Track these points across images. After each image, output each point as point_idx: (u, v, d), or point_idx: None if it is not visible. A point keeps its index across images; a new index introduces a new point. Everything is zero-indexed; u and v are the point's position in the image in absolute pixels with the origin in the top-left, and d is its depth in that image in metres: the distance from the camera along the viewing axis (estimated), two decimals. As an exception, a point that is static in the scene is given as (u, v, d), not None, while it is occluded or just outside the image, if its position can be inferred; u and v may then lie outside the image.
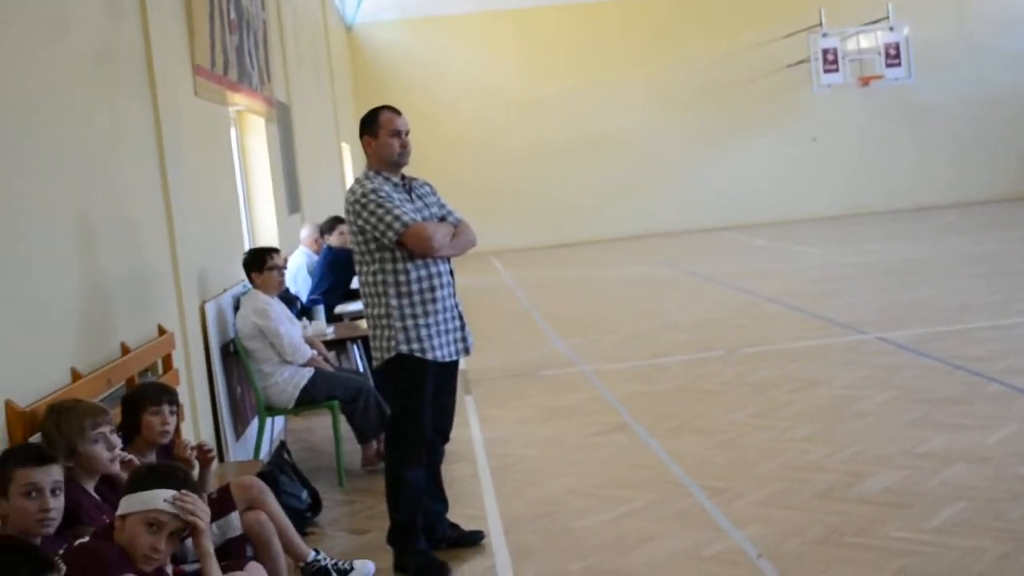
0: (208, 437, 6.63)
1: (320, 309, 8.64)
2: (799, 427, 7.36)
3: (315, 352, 7.49)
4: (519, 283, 18.45)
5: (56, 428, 3.85)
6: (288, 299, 8.35)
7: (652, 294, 15.77)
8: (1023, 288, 12.59)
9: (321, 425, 8.62)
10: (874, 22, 25.29)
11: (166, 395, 4.63)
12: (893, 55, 25.06)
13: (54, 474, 3.36)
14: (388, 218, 5.18)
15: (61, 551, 3.25)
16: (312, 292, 9.88)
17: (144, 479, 3.39)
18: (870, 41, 25.48)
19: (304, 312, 8.83)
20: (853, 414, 7.60)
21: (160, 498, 3.32)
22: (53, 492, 3.34)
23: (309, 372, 7.23)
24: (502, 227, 24.26)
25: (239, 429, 7.44)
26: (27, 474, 3.31)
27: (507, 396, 9.35)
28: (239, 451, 7.28)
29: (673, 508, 5.96)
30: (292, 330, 7.27)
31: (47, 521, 3.33)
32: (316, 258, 10.38)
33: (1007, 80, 26.55)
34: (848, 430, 7.19)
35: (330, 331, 8.46)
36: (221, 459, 6.91)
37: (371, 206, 5.21)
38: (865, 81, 25.34)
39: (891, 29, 25.01)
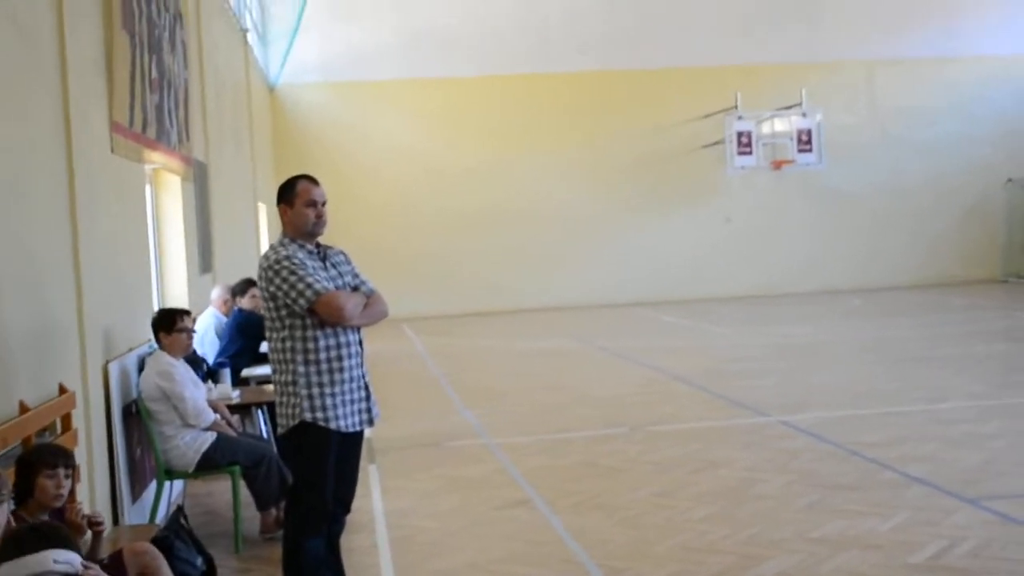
0: (104, 499, 6.54)
1: (226, 372, 8.56)
2: (699, 508, 7.45)
3: (218, 416, 7.42)
4: (430, 351, 18.44)
5: None
6: (194, 361, 8.27)
7: (561, 368, 15.86)
8: (921, 376, 12.91)
9: (221, 490, 8.51)
10: (788, 107, 25.93)
11: (62, 458, 4.57)
12: (805, 140, 25.64)
13: None
14: (300, 285, 5.20)
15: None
16: (219, 355, 9.80)
17: (29, 541, 3.33)
18: (784, 126, 26.09)
19: (210, 375, 8.75)
20: (752, 497, 7.71)
21: (50, 559, 3.27)
22: None
23: (212, 436, 7.16)
24: (416, 294, 24.25)
25: (136, 491, 7.33)
26: None
27: (411, 466, 9.32)
28: (135, 514, 7.16)
29: (571, 586, 5.99)
30: (196, 393, 7.20)
31: None
32: (225, 320, 10.30)
33: (915, 170, 27.32)
34: (747, 512, 7.29)
35: (236, 395, 8.38)
36: (116, 522, 6.80)
37: (284, 272, 5.23)
38: (777, 165, 25.91)
39: (804, 115, 25.64)
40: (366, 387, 5.48)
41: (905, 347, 15.91)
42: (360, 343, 5.48)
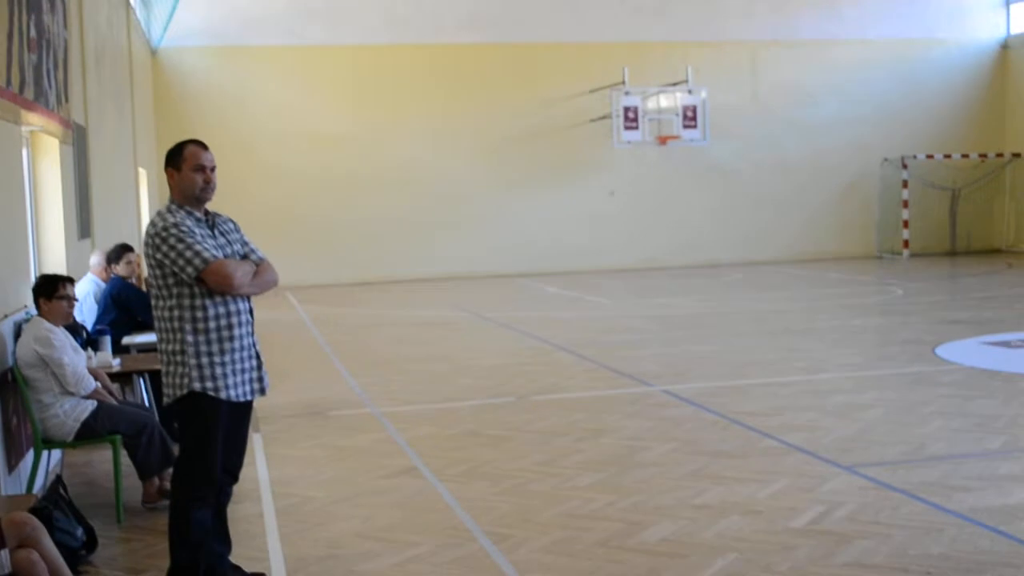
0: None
1: (106, 340, 8.38)
2: (584, 475, 7.54)
3: (99, 384, 7.27)
4: (313, 320, 18.29)
5: None
6: (74, 328, 8.09)
7: (446, 337, 15.89)
8: (801, 348, 13.22)
9: (101, 459, 8.36)
10: (674, 84, 26.24)
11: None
12: (690, 117, 25.99)
13: None
14: (188, 253, 5.10)
15: None
16: (97, 322, 9.60)
17: None
18: (669, 102, 26.39)
19: (89, 342, 8.56)
20: (636, 464, 7.83)
21: None
22: None
23: (91, 405, 7.02)
24: (299, 262, 23.94)
25: (12, 462, 7.14)
26: None
27: (297, 435, 9.25)
28: (11, 485, 6.98)
29: (457, 554, 6.01)
30: (76, 360, 7.05)
31: None
32: (104, 286, 10.08)
33: (796, 148, 27.88)
34: (631, 480, 7.41)
35: (116, 363, 8.21)
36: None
37: (171, 240, 5.13)
38: (663, 140, 26.21)
39: (689, 92, 25.97)
40: (257, 356, 5.42)
41: (785, 319, 16.30)
42: (251, 312, 5.41)
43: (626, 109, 25.64)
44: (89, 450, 8.39)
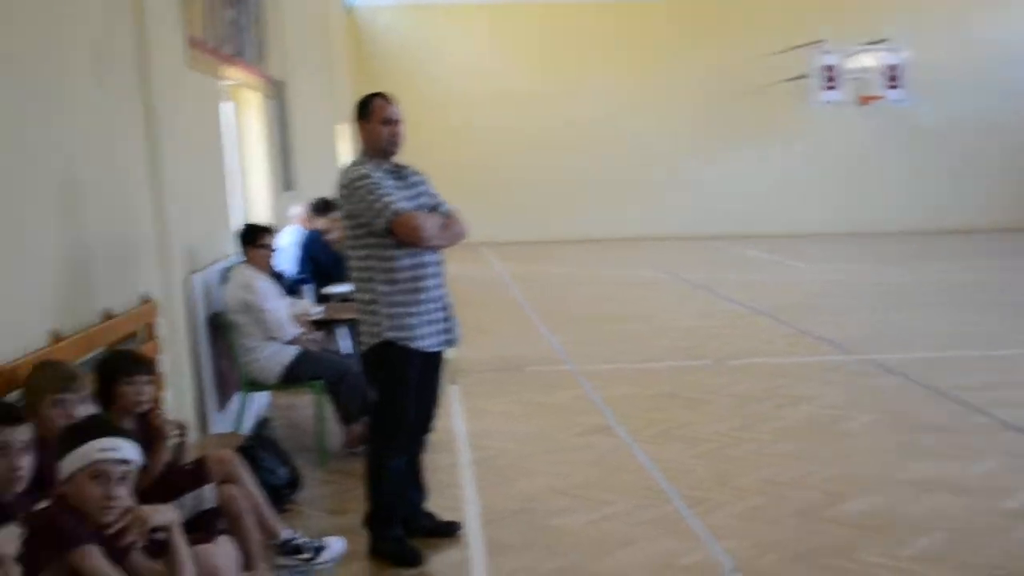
0: (190, 407, 6.59)
1: (308, 288, 8.55)
2: (781, 443, 7.33)
3: (301, 330, 7.43)
4: (512, 277, 18.39)
5: (27, 386, 3.89)
6: (275, 276, 8.29)
7: (643, 297, 15.75)
8: (1018, 319, 12.56)
9: (305, 404, 8.55)
10: (875, 42, 25.22)
11: (141, 366, 4.58)
12: (893, 77, 25.03)
13: (22, 433, 3.33)
14: (378, 205, 5.11)
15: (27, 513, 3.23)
16: (300, 271, 9.81)
17: (73, 438, 3.34)
18: (871, 61, 25.40)
19: (291, 291, 8.76)
20: (837, 434, 7.57)
21: (95, 449, 3.28)
22: (23, 451, 3.32)
23: (294, 350, 7.18)
24: (495, 218, 24.07)
25: (222, 402, 7.38)
26: None
27: (493, 389, 9.29)
28: (221, 424, 7.22)
29: (652, 514, 5.92)
30: (278, 306, 7.22)
31: (16, 479, 3.32)
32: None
33: (1005, 109, 26.47)
34: (831, 450, 7.16)
35: (316, 311, 8.38)
36: (204, 430, 6.87)
37: (362, 191, 5.16)
38: (864, 100, 25.30)
39: (892, 51, 24.97)
40: (447, 307, 5.41)
41: (1001, 291, 15.48)
42: (440, 263, 5.39)
43: (825, 68, 24.85)
44: (294, 395, 8.60)
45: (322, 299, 9.29)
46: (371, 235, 5.19)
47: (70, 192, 5.00)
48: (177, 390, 6.35)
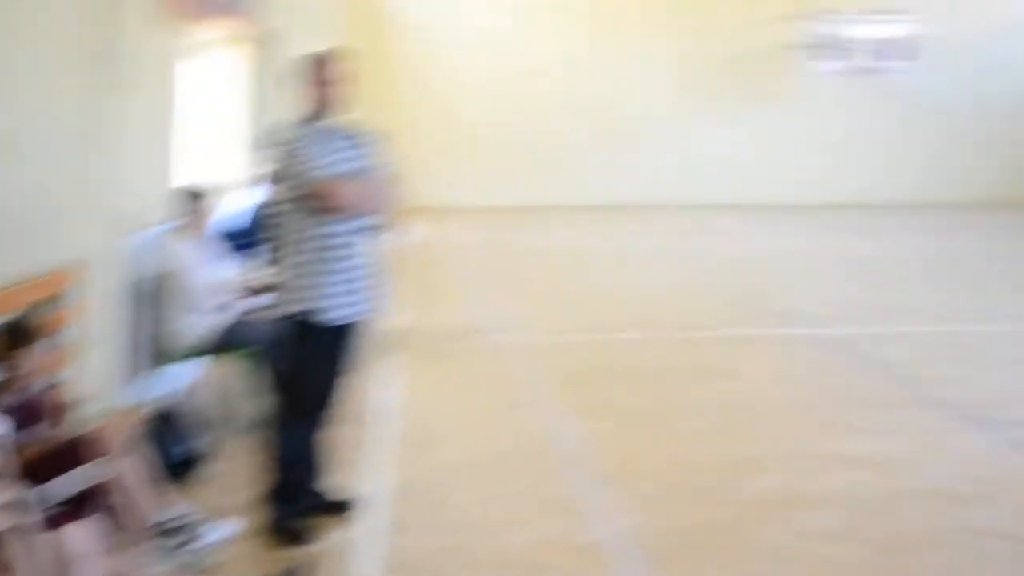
0: (106, 375, 6.56)
1: (246, 254, 8.48)
2: (702, 419, 7.35)
3: (232, 298, 7.39)
4: (483, 242, 18.23)
5: None
6: (229, 237, 8.22)
7: (610, 267, 15.40)
8: (974, 295, 12.56)
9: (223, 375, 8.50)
10: (879, 13, 25.00)
11: (33, 336, 4.58)
12: (895, 47, 24.91)
13: None
14: (297, 169, 5.04)
15: None
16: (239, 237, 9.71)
17: None
18: (873, 31, 25.22)
19: (245, 249, 8.61)
20: (762, 410, 7.59)
21: None
22: None
23: (221, 319, 7.15)
24: (467, 183, 23.71)
25: (139, 371, 7.34)
26: None
27: (436, 359, 9.24)
28: (136, 396, 7.18)
29: (554, 493, 5.92)
30: (201, 275, 7.18)
31: None
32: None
33: (998, 84, 26.29)
34: (750, 427, 7.19)
35: (263, 275, 8.27)
36: (116, 402, 6.84)
37: (285, 157, 5.09)
38: (864, 71, 25.14)
39: (897, 22, 24.83)
40: (363, 278, 5.31)
41: (966, 266, 15.41)
42: (357, 232, 5.24)
43: (829, 36, 24.71)
44: (214, 365, 8.55)
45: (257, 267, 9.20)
46: (289, 200, 5.13)
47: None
48: (91, 360, 6.31)
